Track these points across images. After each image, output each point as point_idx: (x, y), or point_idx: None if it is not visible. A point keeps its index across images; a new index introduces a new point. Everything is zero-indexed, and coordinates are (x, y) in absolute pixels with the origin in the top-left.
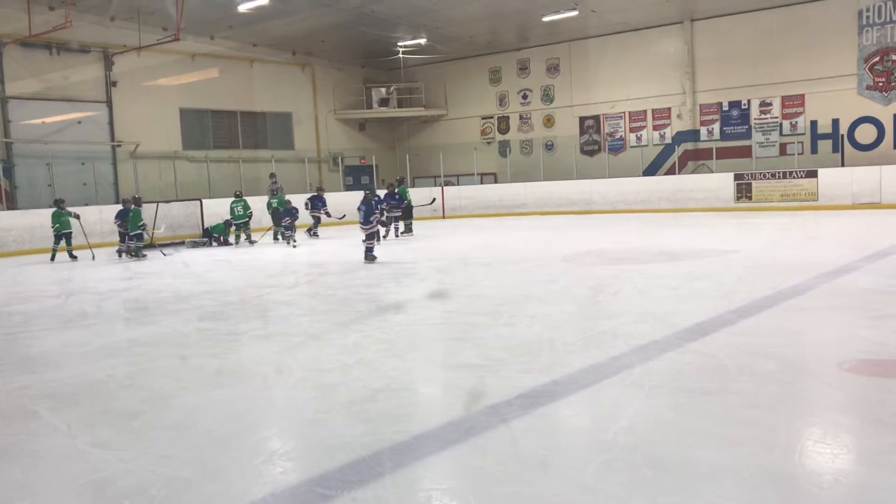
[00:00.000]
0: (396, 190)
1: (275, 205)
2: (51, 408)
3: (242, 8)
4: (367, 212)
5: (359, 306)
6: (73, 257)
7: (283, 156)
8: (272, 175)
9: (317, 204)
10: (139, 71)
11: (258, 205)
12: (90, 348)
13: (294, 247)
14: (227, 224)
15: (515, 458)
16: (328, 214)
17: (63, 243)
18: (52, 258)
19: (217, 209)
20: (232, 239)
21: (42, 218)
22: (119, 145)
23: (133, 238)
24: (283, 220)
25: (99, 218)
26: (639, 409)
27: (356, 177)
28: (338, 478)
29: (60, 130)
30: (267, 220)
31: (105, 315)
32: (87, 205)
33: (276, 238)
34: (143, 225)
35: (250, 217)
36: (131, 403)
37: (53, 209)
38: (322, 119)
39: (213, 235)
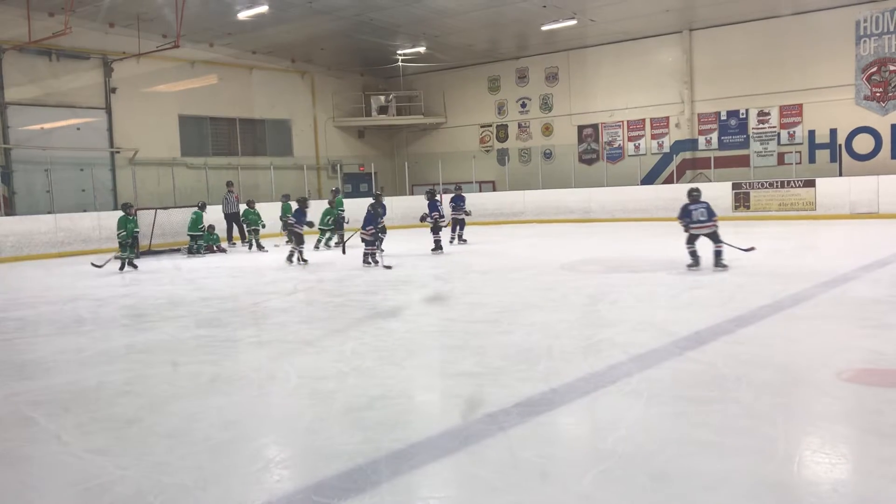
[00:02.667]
0: (435, 196)
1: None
2: (47, 414)
3: (242, 15)
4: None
5: (356, 313)
6: (133, 266)
7: (281, 163)
8: (229, 183)
9: (459, 204)
10: (138, 77)
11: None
12: (87, 354)
13: (387, 266)
14: (210, 230)
15: (513, 466)
16: (468, 213)
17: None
18: (123, 267)
19: (217, 216)
20: (225, 245)
21: (40, 223)
22: (118, 151)
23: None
24: (367, 229)
25: (98, 224)
26: (637, 418)
27: (355, 184)
28: (335, 486)
29: (59, 136)
30: (260, 225)
31: (102, 321)
32: (84, 211)
33: (318, 246)
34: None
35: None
36: (128, 410)
37: (121, 214)
38: (321, 126)
39: (206, 245)
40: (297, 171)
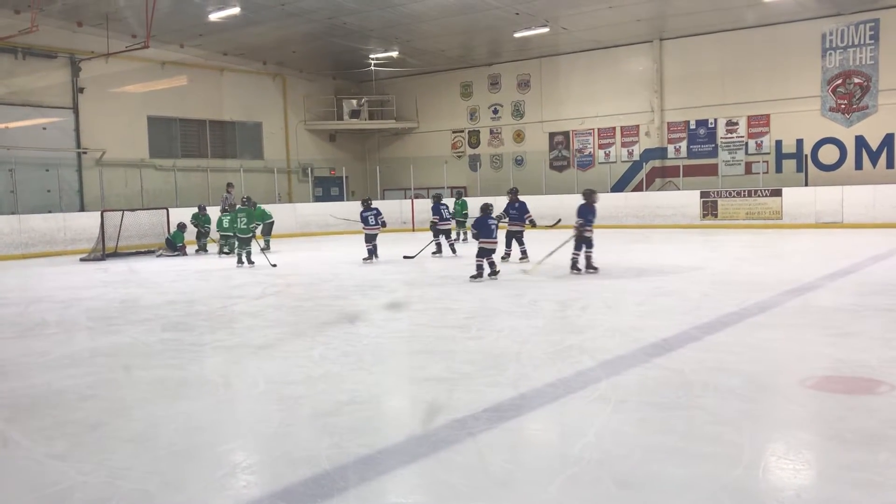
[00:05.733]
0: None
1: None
2: (7, 418)
3: (213, 17)
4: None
5: (325, 318)
6: (249, 262)
7: (251, 165)
8: (229, 185)
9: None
10: (107, 77)
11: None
12: (50, 358)
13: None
14: (180, 228)
15: (481, 472)
16: (533, 223)
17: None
18: (241, 261)
19: (184, 218)
20: (188, 249)
21: (3, 224)
22: (85, 152)
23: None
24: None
25: (63, 225)
26: (604, 424)
27: (326, 188)
28: (301, 492)
29: (24, 136)
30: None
31: (66, 324)
32: (50, 212)
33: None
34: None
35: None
36: (91, 414)
37: (240, 208)
38: (292, 129)
39: (178, 246)
40: (267, 174)
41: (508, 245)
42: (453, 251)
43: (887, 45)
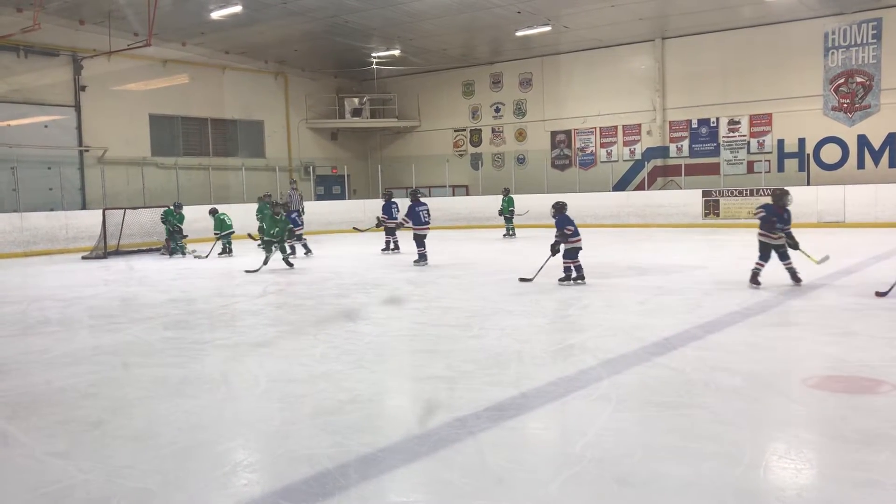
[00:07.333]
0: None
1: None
2: (8, 416)
3: (215, 15)
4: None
5: (327, 317)
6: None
7: (253, 164)
8: (293, 182)
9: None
10: (109, 75)
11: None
12: (51, 356)
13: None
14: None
15: (482, 471)
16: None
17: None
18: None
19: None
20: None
21: (5, 222)
22: (87, 150)
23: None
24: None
25: (65, 224)
26: (606, 423)
27: (328, 186)
28: (303, 490)
29: (27, 134)
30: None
31: (68, 322)
32: (52, 210)
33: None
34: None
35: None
36: (92, 412)
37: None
38: (294, 128)
39: (165, 238)
40: (269, 172)
41: (420, 246)
42: (396, 247)
43: (890, 45)
